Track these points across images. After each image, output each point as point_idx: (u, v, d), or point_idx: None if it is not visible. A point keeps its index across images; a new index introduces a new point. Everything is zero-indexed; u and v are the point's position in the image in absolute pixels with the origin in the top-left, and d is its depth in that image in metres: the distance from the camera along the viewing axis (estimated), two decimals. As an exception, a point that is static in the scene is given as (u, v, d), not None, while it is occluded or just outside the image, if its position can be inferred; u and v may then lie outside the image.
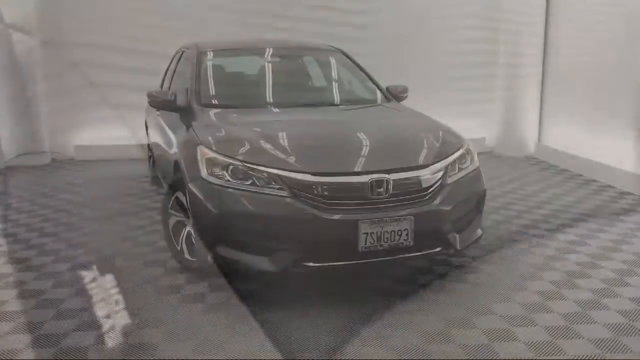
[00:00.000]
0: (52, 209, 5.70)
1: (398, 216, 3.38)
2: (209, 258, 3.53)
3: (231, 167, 3.47)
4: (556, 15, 8.14)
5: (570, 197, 6.11)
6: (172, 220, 4.07)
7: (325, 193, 3.36)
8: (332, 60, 5.26)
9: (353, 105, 4.80)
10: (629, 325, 3.26)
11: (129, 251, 4.49)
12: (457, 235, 3.72)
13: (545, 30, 8.31)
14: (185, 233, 3.97)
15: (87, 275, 4.03)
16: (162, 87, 6.29)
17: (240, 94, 4.80)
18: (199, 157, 3.62)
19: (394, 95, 5.00)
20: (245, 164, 3.45)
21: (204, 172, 3.54)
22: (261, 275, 3.74)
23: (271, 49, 5.29)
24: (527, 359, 2.92)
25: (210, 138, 3.74)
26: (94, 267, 4.18)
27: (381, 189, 3.41)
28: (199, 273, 3.94)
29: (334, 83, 5.17)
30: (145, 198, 6.12)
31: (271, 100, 4.73)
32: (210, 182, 3.48)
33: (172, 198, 4.05)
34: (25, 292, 3.75)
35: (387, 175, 3.44)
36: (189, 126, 4.17)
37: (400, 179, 3.47)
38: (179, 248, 4.04)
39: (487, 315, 3.39)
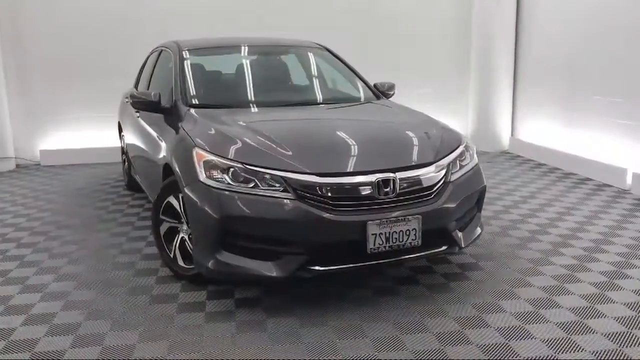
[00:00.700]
0: (25, 218, 5.43)
1: (406, 216, 3.30)
2: (209, 265, 3.37)
3: (232, 169, 3.32)
4: (527, 9, 8.21)
5: (552, 191, 6.15)
6: (163, 227, 3.89)
7: (332, 194, 3.25)
8: (319, 58, 5.14)
9: (345, 103, 4.69)
10: (637, 317, 3.26)
11: (115, 260, 4.29)
12: (461, 233, 3.66)
13: (516, 24, 8.38)
14: (179, 240, 3.80)
15: (74, 287, 3.81)
16: (137, 87, 6.07)
17: (228, 93, 4.64)
18: (195, 160, 3.46)
19: (382, 92, 4.93)
20: (247, 166, 3.31)
21: (201, 176, 3.38)
22: (264, 281, 3.60)
23: (255, 47, 5.14)
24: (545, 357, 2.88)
25: (206, 140, 3.57)
26: (81, 278, 3.96)
27: (388, 189, 3.32)
28: (194, 280, 3.78)
29: (323, 81, 5.05)
30: (121, 203, 5.90)
31: (262, 99, 4.57)
32: (209, 186, 3.33)
33: (164, 203, 3.86)
34: (11, 308, 3.52)
35: (393, 174, 3.35)
36: (177, 128, 4.00)
37: (406, 177, 3.39)
38: (171, 255, 3.86)
39: (498, 313, 3.33)
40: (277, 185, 3.26)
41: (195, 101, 4.27)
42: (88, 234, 4.91)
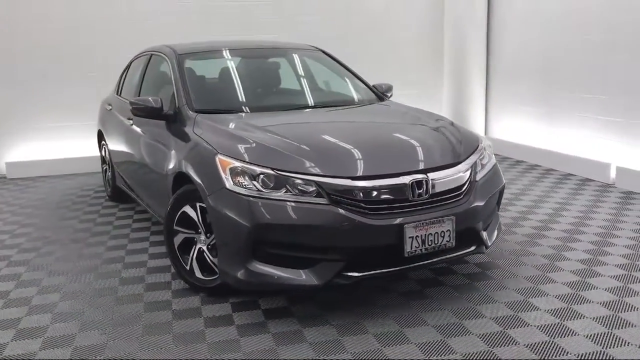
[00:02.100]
0: (8, 234, 5.13)
1: (441, 217, 3.26)
2: (238, 275, 3.23)
3: (262, 176, 3.19)
4: (498, 9, 8.35)
5: (540, 187, 6.25)
6: (178, 238, 3.71)
7: (367, 197, 3.17)
8: (319, 60, 5.05)
9: (354, 104, 4.62)
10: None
11: (121, 275, 4.08)
12: (485, 233, 3.65)
13: (487, 24, 8.51)
14: (196, 250, 3.64)
15: (85, 306, 3.60)
16: (119, 94, 5.82)
17: (236, 98, 4.48)
18: (219, 167, 3.31)
19: (382, 93, 4.89)
20: (278, 172, 3.19)
21: (228, 183, 3.24)
22: (298, 290, 3.48)
23: (253, 50, 5.01)
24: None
25: (228, 146, 3.43)
26: (89, 296, 3.75)
27: (421, 190, 3.27)
28: (214, 293, 3.63)
29: (327, 83, 4.97)
30: (108, 215, 5.65)
31: (271, 103, 4.46)
32: (238, 194, 3.19)
33: (178, 214, 3.69)
34: (21, 332, 3.28)
35: (424, 175, 3.31)
36: (187, 134, 3.84)
37: (437, 178, 3.35)
38: (188, 267, 3.70)
39: (533, 311, 3.33)
40: (310, 190, 3.15)
41: (202, 106, 4.11)
42: (83, 249, 4.67)
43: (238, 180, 3.23)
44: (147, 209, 4.91)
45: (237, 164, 3.26)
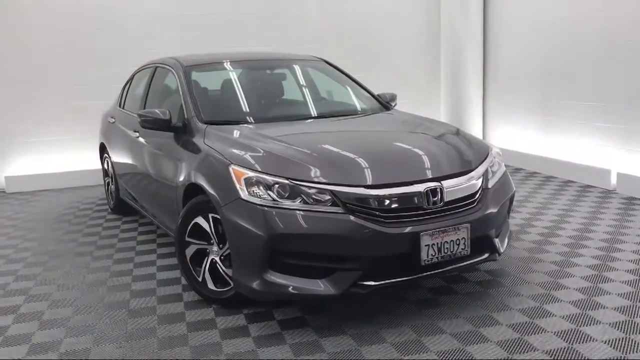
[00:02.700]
0: (12, 249, 5.09)
1: (456, 225, 3.27)
2: (254, 285, 3.22)
3: (277, 185, 3.19)
4: (494, 18, 8.43)
5: (542, 194, 6.28)
6: (190, 250, 3.70)
7: (382, 206, 3.18)
8: (324, 71, 5.07)
9: (361, 114, 4.63)
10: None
11: (131, 288, 4.05)
12: (497, 240, 3.66)
13: (483, 34, 8.58)
14: (209, 262, 3.63)
15: (97, 319, 3.57)
16: (122, 107, 5.81)
17: (245, 109, 4.48)
18: (233, 177, 3.31)
19: (387, 102, 4.91)
20: (293, 182, 3.19)
21: (243, 194, 3.23)
22: (315, 299, 3.47)
23: (259, 62, 5.03)
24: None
25: (242, 156, 3.43)
26: (101, 309, 3.72)
27: (436, 198, 3.28)
28: (227, 304, 3.61)
29: (333, 93, 4.98)
30: (113, 228, 5.62)
31: (279, 114, 4.47)
32: (254, 204, 3.19)
33: (190, 225, 3.68)
34: (35, 347, 3.25)
35: (439, 183, 3.32)
36: (197, 146, 3.83)
37: (451, 185, 3.36)
38: (200, 279, 3.68)
39: (548, 318, 3.33)
40: (325, 199, 3.16)
41: (211, 118, 4.10)
42: (90, 262, 4.63)
43: (253, 190, 3.23)
44: (153, 221, 4.89)
45: (252, 174, 3.26)
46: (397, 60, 8.87)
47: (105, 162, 6.18)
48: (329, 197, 3.16)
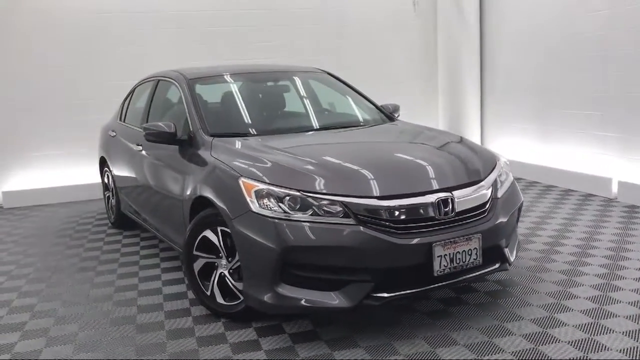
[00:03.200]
0: (14, 265, 5.03)
1: (468, 235, 3.26)
2: (265, 298, 3.19)
3: (287, 197, 3.17)
4: (490, 28, 8.48)
5: (544, 204, 6.29)
6: (198, 263, 3.67)
7: (394, 217, 3.16)
8: (327, 82, 5.07)
9: (366, 125, 4.61)
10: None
11: (138, 303, 4.01)
12: (507, 250, 3.65)
13: (480, 44, 8.63)
14: (217, 275, 3.60)
15: (102, 336, 3.53)
16: (123, 120, 5.79)
17: (249, 121, 4.48)
18: (243, 190, 3.29)
19: (391, 113, 4.91)
20: (304, 193, 3.17)
21: (253, 206, 3.21)
22: (327, 312, 3.44)
23: (262, 74, 5.02)
24: None
25: (252, 169, 3.41)
26: (107, 325, 3.67)
27: (447, 208, 3.27)
28: (237, 318, 3.58)
29: (337, 104, 4.98)
30: (114, 242, 5.57)
31: (285, 126, 4.45)
32: (265, 216, 3.17)
33: (197, 239, 3.65)
34: (44, 363, 3.21)
35: (449, 194, 3.31)
36: (203, 158, 3.81)
37: (462, 195, 3.35)
38: (208, 293, 3.65)
39: (561, 327, 3.32)
40: (336, 211, 3.14)
41: (217, 130, 4.09)
42: (93, 277, 4.59)
43: (264, 203, 3.20)
44: (157, 234, 4.86)
45: (262, 186, 3.24)
46: (394, 71, 8.90)
47: (106, 176, 6.13)
48: (341, 209, 3.14)
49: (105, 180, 6.18)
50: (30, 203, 7.54)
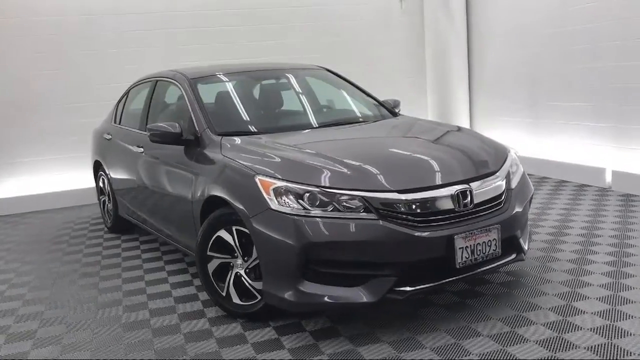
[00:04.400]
0: (14, 273, 4.92)
1: (487, 226, 3.26)
2: (286, 296, 3.16)
3: (307, 194, 3.14)
4: (477, 23, 8.54)
5: (540, 195, 6.34)
6: (212, 264, 3.62)
7: (414, 210, 3.15)
8: (328, 79, 5.05)
9: (373, 120, 4.59)
10: None
11: (149, 307, 3.94)
12: (521, 240, 3.67)
13: (467, 38, 8.69)
14: (233, 276, 3.55)
15: (122, 344, 3.46)
16: (118, 123, 5.70)
17: (255, 119, 4.44)
18: (260, 188, 3.25)
19: (392, 108, 4.91)
20: (324, 189, 3.15)
21: (272, 204, 3.18)
22: (351, 308, 3.40)
23: (264, 72, 4.98)
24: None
25: (268, 166, 3.37)
26: (122, 331, 3.60)
27: (466, 200, 3.27)
28: (253, 318, 3.54)
29: (342, 100, 4.95)
30: (113, 247, 5.48)
31: (293, 123, 4.42)
32: (284, 213, 3.13)
33: (212, 239, 3.60)
34: (62, 371, 3.14)
35: (467, 185, 3.31)
36: (214, 158, 3.76)
37: (479, 187, 3.36)
38: (224, 294, 3.60)
39: (581, 315, 3.34)
40: (356, 206, 3.12)
41: (225, 129, 4.04)
42: (98, 282, 4.50)
43: (283, 200, 3.17)
44: (160, 237, 4.80)
45: (280, 183, 3.21)
46: (383, 69, 8.90)
47: (101, 180, 6.03)
48: (360, 204, 3.12)
49: (101, 184, 6.07)
50: (20, 210, 7.38)
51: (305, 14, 8.44)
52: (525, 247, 3.66)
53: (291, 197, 3.17)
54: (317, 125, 4.36)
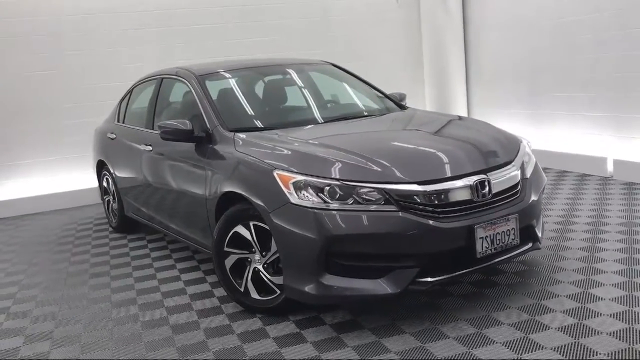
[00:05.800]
0: (23, 274, 4.89)
1: (506, 215, 3.29)
2: (308, 289, 3.17)
3: (328, 187, 3.15)
4: (473, 16, 8.57)
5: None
6: (230, 260, 3.62)
7: (435, 201, 3.17)
8: (335, 74, 5.05)
9: (383, 113, 4.59)
10: None
11: (165, 304, 3.94)
12: (537, 229, 3.69)
13: (464, 31, 8.72)
14: (251, 271, 3.55)
15: (142, 342, 3.45)
16: (122, 122, 5.67)
17: (266, 114, 4.44)
18: (279, 182, 3.25)
19: (399, 101, 4.93)
20: (344, 182, 3.15)
21: (293, 198, 3.18)
22: (374, 300, 3.40)
23: (271, 67, 4.97)
24: None
25: (286, 161, 3.37)
26: (142, 329, 3.59)
27: (485, 190, 3.29)
28: (272, 312, 3.54)
29: (350, 94, 4.95)
30: (120, 247, 5.46)
31: (304, 117, 4.41)
32: (305, 207, 3.14)
33: (229, 235, 3.59)
34: (86, 370, 3.13)
35: (485, 176, 3.33)
36: (228, 154, 3.75)
37: (496, 177, 3.38)
38: (242, 289, 3.60)
39: (599, 302, 3.38)
40: (377, 198, 3.13)
41: (236, 125, 4.03)
42: (110, 282, 4.48)
43: (303, 194, 3.17)
44: (169, 234, 4.79)
45: (300, 177, 3.21)
46: (380, 63, 8.90)
47: (105, 179, 6.00)
48: (380, 196, 3.13)
49: (105, 184, 6.04)
50: (21, 212, 7.32)
51: (300, 10, 8.42)
52: (540, 238, 3.69)
53: (311, 190, 3.17)
54: (328, 120, 4.35)
